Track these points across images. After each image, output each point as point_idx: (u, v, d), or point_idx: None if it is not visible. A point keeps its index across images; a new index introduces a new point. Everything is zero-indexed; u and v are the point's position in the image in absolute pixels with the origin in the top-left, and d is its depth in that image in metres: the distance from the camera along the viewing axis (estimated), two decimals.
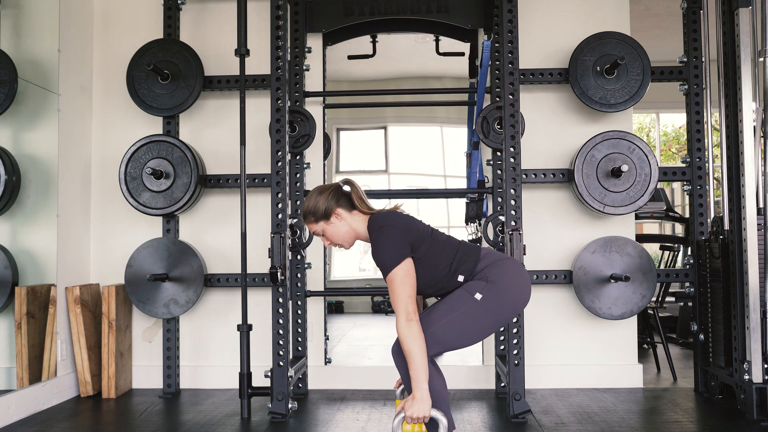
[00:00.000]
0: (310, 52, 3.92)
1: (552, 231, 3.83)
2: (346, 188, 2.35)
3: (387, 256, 2.15)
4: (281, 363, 3.20)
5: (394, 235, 2.17)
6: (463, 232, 5.25)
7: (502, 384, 3.60)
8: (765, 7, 3.17)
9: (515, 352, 3.16)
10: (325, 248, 3.94)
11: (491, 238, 3.61)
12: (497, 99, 3.73)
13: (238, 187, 3.78)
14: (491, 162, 3.80)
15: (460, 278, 2.23)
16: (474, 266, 2.22)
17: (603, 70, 3.63)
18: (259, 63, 3.83)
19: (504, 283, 2.19)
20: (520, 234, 3.12)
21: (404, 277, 2.14)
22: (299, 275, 3.77)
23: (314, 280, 3.89)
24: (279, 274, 3.14)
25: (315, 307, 3.90)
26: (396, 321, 2.12)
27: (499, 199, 3.71)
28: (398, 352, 2.20)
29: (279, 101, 3.25)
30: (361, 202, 2.33)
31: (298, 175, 3.81)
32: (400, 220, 2.24)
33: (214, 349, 3.90)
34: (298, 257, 3.77)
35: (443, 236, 2.30)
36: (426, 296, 2.40)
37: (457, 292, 2.20)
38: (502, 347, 3.67)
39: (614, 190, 3.58)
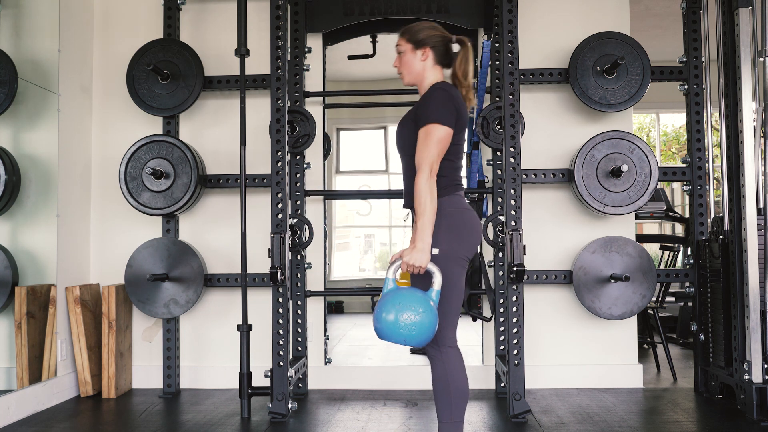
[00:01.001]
0: (310, 52, 3.92)
1: (552, 231, 3.83)
2: (455, 47, 2.33)
3: (435, 111, 2.16)
4: (281, 363, 3.20)
5: (453, 104, 2.19)
6: None
7: (502, 384, 3.60)
8: (765, 7, 3.17)
9: (515, 352, 3.16)
10: (325, 248, 3.94)
11: (491, 238, 3.61)
12: (497, 99, 3.73)
13: (238, 187, 3.79)
14: (491, 162, 3.80)
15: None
16: (445, 193, 2.20)
17: (603, 70, 3.63)
18: (259, 63, 3.83)
19: (458, 232, 2.19)
20: (520, 234, 3.12)
21: (443, 137, 2.16)
22: (299, 275, 3.77)
23: (314, 280, 3.89)
24: (279, 274, 3.14)
25: (315, 307, 3.91)
26: (417, 175, 2.13)
27: (499, 199, 3.71)
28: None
29: (279, 101, 3.25)
30: (450, 66, 2.32)
31: (298, 175, 3.81)
32: (462, 105, 2.25)
33: (214, 349, 3.90)
34: (298, 257, 3.77)
35: (462, 153, 2.30)
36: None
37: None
38: (502, 347, 3.67)
39: (614, 190, 3.58)
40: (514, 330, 3.18)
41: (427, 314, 2.04)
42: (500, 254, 3.67)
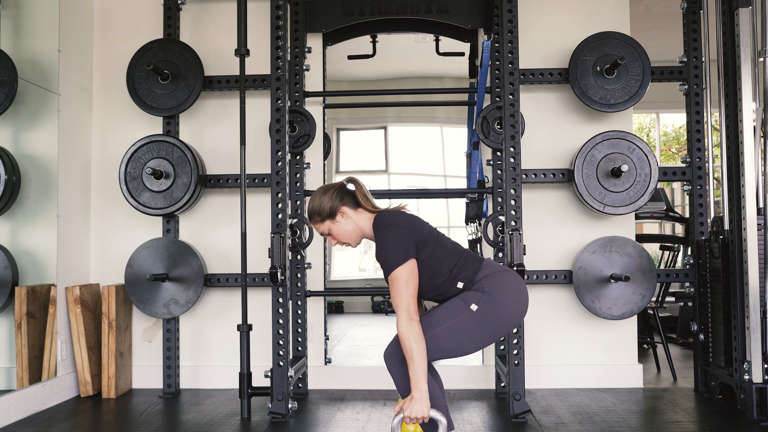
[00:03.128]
0: (310, 52, 3.92)
1: (552, 231, 3.83)
2: (351, 187, 2.34)
3: (391, 255, 2.15)
4: (281, 363, 3.20)
5: (399, 235, 2.17)
6: (463, 232, 5.25)
7: (502, 384, 3.60)
8: (765, 7, 3.17)
9: (515, 352, 3.16)
10: (325, 248, 3.94)
11: (491, 238, 3.61)
12: (497, 99, 3.73)
13: (238, 187, 3.79)
14: (491, 162, 3.80)
15: (460, 285, 2.22)
16: (474, 275, 2.21)
17: (603, 70, 3.63)
18: (259, 63, 3.83)
19: (500, 295, 2.17)
20: (520, 234, 3.12)
21: (408, 277, 2.14)
22: (299, 275, 3.77)
23: (314, 280, 3.89)
24: (279, 274, 3.14)
25: (315, 307, 3.91)
26: (397, 320, 2.12)
27: (499, 199, 3.71)
28: (391, 357, 2.20)
29: (279, 101, 3.25)
30: (366, 199, 2.33)
31: (298, 175, 3.81)
32: (406, 219, 2.23)
33: (214, 349, 3.90)
34: (298, 257, 3.77)
35: (449, 241, 2.29)
36: (423, 299, 2.39)
37: (454, 301, 2.19)
38: (502, 347, 3.67)
39: (614, 190, 3.58)
40: (514, 330, 3.18)
41: None
42: (500, 254, 3.67)
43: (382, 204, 2.45)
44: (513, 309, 2.20)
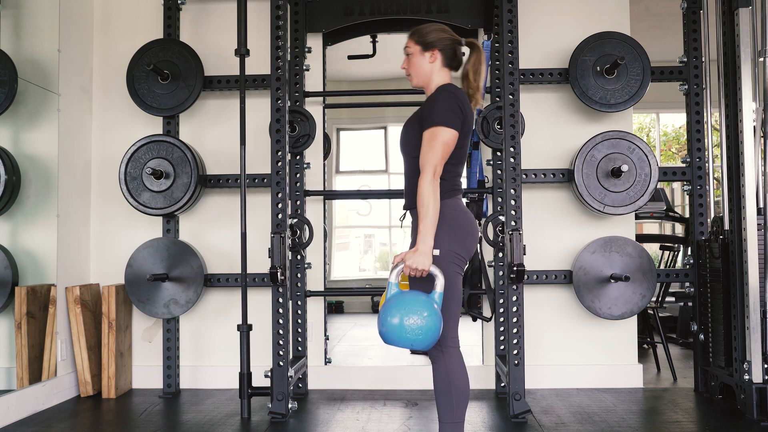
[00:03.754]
0: (310, 52, 3.92)
1: (552, 231, 3.83)
2: (463, 50, 2.32)
3: (441, 113, 2.16)
4: (281, 363, 3.20)
5: (455, 107, 2.18)
6: None
7: (502, 384, 3.60)
8: (765, 7, 3.17)
9: (515, 352, 3.16)
10: (325, 248, 3.94)
11: (491, 238, 3.61)
12: (497, 99, 3.73)
13: (238, 187, 3.79)
14: (491, 162, 3.80)
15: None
16: (444, 196, 2.20)
17: (603, 70, 3.63)
18: (259, 63, 3.83)
19: (456, 233, 2.19)
20: (520, 234, 3.12)
21: (448, 140, 2.15)
22: (299, 275, 3.77)
23: (314, 280, 3.89)
24: (279, 274, 3.14)
25: (315, 307, 3.91)
26: (421, 177, 2.13)
27: (499, 199, 3.71)
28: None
29: (279, 101, 3.25)
30: (458, 69, 2.32)
31: (298, 175, 3.81)
32: (468, 106, 2.25)
33: (214, 349, 3.90)
34: (298, 257, 3.77)
35: (464, 157, 2.30)
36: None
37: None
38: (502, 347, 3.67)
39: (614, 190, 3.58)
40: (514, 330, 3.18)
41: (432, 317, 2.04)
42: (500, 254, 3.67)
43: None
44: (466, 243, 2.22)
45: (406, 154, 2.30)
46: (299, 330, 3.76)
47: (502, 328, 3.65)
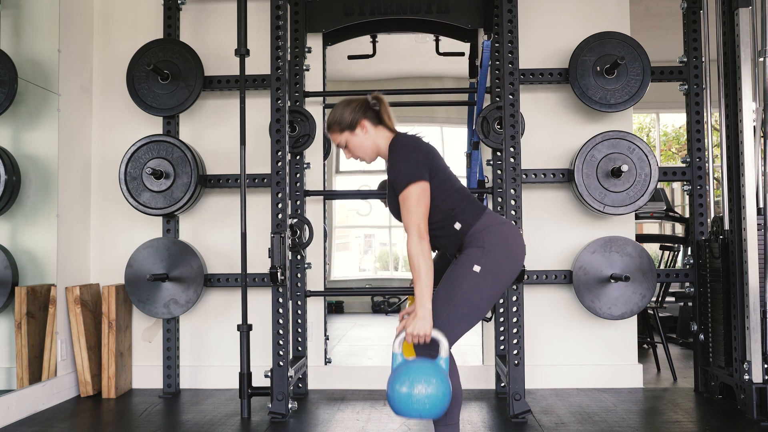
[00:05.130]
0: (310, 52, 3.92)
1: (552, 231, 3.83)
2: (375, 104, 2.32)
3: (406, 173, 2.15)
4: (281, 363, 3.20)
5: (415, 155, 2.18)
6: None
7: (502, 384, 3.60)
8: (765, 7, 3.17)
9: (515, 352, 3.16)
10: (325, 248, 3.94)
11: None
12: (497, 99, 3.73)
13: (238, 187, 3.79)
14: (491, 162, 3.80)
15: (457, 226, 2.22)
16: (474, 220, 2.21)
17: (603, 70, 3.63)
18: (259, 63, 3.83)
19: (501, 249, 2.18)
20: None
21: (420, 195, 2.14)
22: (299, 275, 3.77)
23: (314, 280, 3.89)
24: (279, 274, 3.14)
25: (315, 307, 3.91)
26: (407, 239, 2.13)
27: (499, 199, 3.71)
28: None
29: (279, 101, 3.25)
30: (388, 119, 2.32)
31: (298, 175, 3.81)
32: (424, 144, 2.25)
33: (214, 349, 3.90)
34: (298, 257, 3.77)
35: (458, 183, 2.29)
36: None
37: (456, 268, 2.18)
38: (502, 347, 3.67)
39: (614, 190, 3.58)
40: (514, 330, 3.18)
41: (439, 386, 2.01)
42: None
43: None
44: (513, 260, 2.22)
45: (400, 219, 2.29)
46: (299, 330, 3.76)
47: (502, 328, 3.65)
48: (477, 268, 2.14)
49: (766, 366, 3.08)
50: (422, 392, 1.98)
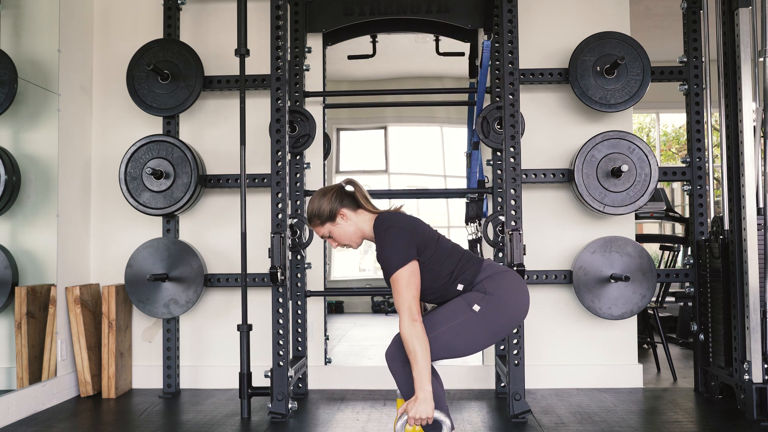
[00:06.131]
0: (310, 52, 3.92)
1: (552, 231, 3.83)
2: (349, 188, 2.34)
3: (393, 257, 2.15)
4: (281, 363, 3.20)
5: (400, 236, 2.17)
6: (463, 232, 5.25)
7: (502, 384, 3.60)
8: (765, 7, 3.17)
9: (515, 352, 3.16)
10: (325, 248, 3.93)
11: (491, 238, 3.61)
12: (497, 99, 3.73)
13: (238, 187, 3.79)
14: (491, 162, 3.80)
15: (460, 287, 2.22)
16: (474, 276, 2.22)
17: (603, 70, 3.63)
18: (259, 63, 3.83)
19: (502, 295, 2.18)
20: (520, 234, 3.12)
21: (410, 277, 2.14)
22: (299, 275, 3.77)
23: (314, 280, 3.89)
24: (279, 274, 3.14)
25: (315, 307, 3.91)
26: (400, 321, 2.12)
27: (499, 199, 3.71)
28: (393, 357, 2.21)
29: (279, 101, 3.25)
30: (366, 200, 2.33)
31: (298, 175, 3.81)
32: (408, 221, 2.24)
33: (214, 349, 3.90)
34: (298, 257, 3.77)
35: (449, 243, 2.29)
36: (423, 302, 2.39)
37: (456, 301, 2.19)
38: (502, 347, 3.67)
39: (614, 190, 3.58)
40: (514, 330, 3.18)
41: None
42: (500, 254, 3.67)
43: (382, 205, 2.45)
44: (515, 309, 2.22)
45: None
46: (299, 330, 3.76)
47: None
48: (476, 308, 2.15)
49: (766, 366, 3.08)
50: None
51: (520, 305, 2.23)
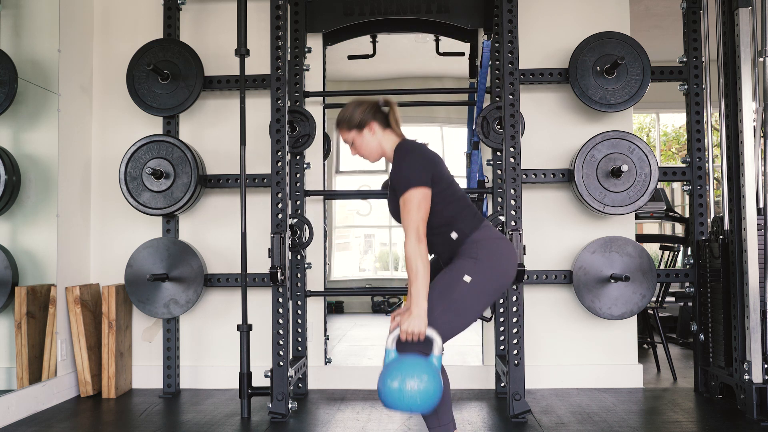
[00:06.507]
0: (310, 52, 3.92)
1: (552, 231, 3.83)
2: (385, 108, 2.37)
3: (408, 177, 2.19)
4: (281, 363, 3.20)
5: (420, 161, 2.22)
6: None
7: (502, 384, 3.60)
8: (765, 7, 3.17)
9: (515, 352, 3.16)
10: (325, 248, 3.94)
11: None
12: (497, 99, 3.73)
13: (238, 187, 3.79)
14: (491, 162, 3.80)
15: (454, 235, 2.25)
16: (471, 231, 2.24)
17: (603, 70, 3.63)
18: (259, 63, 3.83)
19: (493, 262, 2.21)
20: (520, 234, 3.12)
21: (421, 200, 2.18)
22: (299, 275, 3.77)
23: (314, 280, 3.89)
24: (279, 274, 3.14)
25: (315, 307, 3.91)
26: (405, 240, 2.16)
27: (499, 199, 3.71)
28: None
29: (279, 101, 3.25)
30: (396, 124, 2.37)
31: (298, 175, 3.81)
32: (429, 152, 2.28)
33: (214, 349, 3.90)
34: (298, 257, 3.77)
35: (460, 191, 2.32)
36: None
37: (446, 275, 2.20)
38: (502, 347, 3.67)
39: (614, 190, 3.58)
40: (514, 330, 3.18)
41: (431, 382, 2.04)
42: None
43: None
44: (503, 273, 2.24)
45: (399, 221, 2.31)
46: (299, 330, 3.76)
47: (502, 328, 3.65)
48: (468, 279, 2.17)
49: (766, 366, 3.08)
50: (414, 388, 2.02)
51: (509, 270, 2.26)
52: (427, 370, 2.05)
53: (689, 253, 3.91)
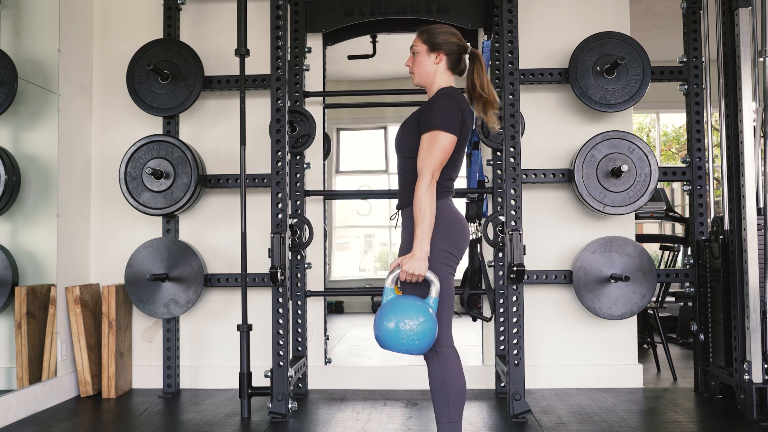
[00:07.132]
0: (310, 52, 3.92)
1: (552, 231, 3.83)
2: (466, 56, 2.34)
3: (440, 118, 2.17)
4: (281, 363, 3.20)
5: (456, 111, 2.19)
6: None
7: (502, 384, 3.60)
8: (765, 7, 3.17)
9: (515, 352, 3.16)
10: (325, 248, 3.94)
11: (491, 238, 3.61)
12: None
13: (238, 187, 3.79)
14: (491, 162, 3.80)
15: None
16: (439, 198, 2.23)
17: (603, 70, 3.63)
18: (259, 63, 3.83)
19: (449, 235, 2.21)
20: (520, 234, 3.12)
21: (445, 145, 2.16)
22: (299, 275, 3.77)
23: (314, 280, 3.89)
24: (279, 274, 3.14)
25: (315, 307, 3.91)
26: (418, 182, 2.14)
27: (499, 199, 3.71)
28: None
29: (279, 101, 3.25)
30: (460, 73, 2.35)
31: (298, 175, 3.81)
32: (469, 109, 2.26)
33: (214, 349, 3.90)
34: (298, 257, 3.77)
35: (460, 164, 2.31)
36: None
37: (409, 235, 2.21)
38: (502, 347, 3.67)
39: (614, 190, 3.58)
40: (514, 330, 3.18)
41: (428, 323, 2.05)
42: (500, 254, 3.67)
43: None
44: (460, 247, 2.25)
45: (400, 153, 2.31)
46: (299, 330, 3.76)
47: (502, 328, 3.65)
48: (443, 259, 2.18)
49: (766, 366, 3.08)
50: (410, 328, 2.03)
51: (460, 244, 2.25)
52: (424, 312, 2.06)
53: (689, 253, 3.91)
